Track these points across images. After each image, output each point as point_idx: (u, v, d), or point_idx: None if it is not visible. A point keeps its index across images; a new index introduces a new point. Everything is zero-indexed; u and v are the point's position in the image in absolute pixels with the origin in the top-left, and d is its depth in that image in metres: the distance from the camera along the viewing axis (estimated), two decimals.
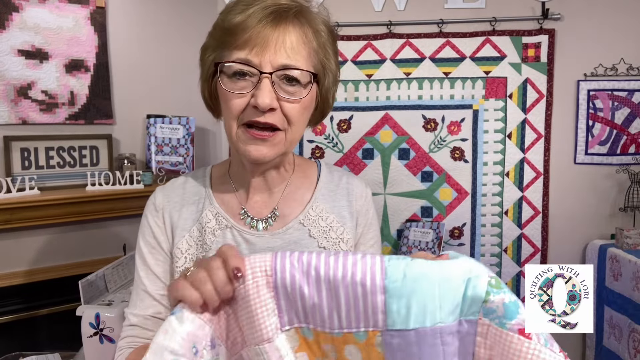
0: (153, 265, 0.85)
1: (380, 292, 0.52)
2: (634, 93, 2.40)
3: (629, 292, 2.12)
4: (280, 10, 0.73)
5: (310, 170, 0.93)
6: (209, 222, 0.84)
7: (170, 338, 0.52)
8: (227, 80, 0.75)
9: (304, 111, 0.79)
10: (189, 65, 2.44)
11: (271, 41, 0.72)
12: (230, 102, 0.75)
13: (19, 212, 1.82)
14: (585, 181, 2.47)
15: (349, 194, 0.90)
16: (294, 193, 0.88)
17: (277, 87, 0.73)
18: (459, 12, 2.47)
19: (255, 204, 0.86)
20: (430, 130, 2.52)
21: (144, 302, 0.84)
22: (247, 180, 0.86)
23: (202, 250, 0.83)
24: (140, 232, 0.89)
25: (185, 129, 2.22)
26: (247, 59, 0.72)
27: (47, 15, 1.99)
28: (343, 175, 0.94)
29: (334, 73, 0.82)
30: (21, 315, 1.94)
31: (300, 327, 0.57)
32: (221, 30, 0.76)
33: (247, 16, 0.72)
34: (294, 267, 0.55)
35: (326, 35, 0.79)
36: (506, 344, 0.51)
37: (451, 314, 0.53)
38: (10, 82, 1.94)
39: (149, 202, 0.90)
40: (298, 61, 0.74)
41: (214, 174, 0.92)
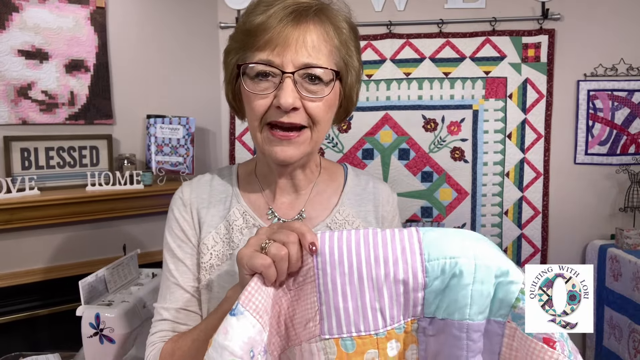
0: (183, 257, 0.85)
1: (421, 289, 0.56)
2: (634, 93, 2.40)
3: (629, 292, 2.12)
4: (300, 9, 0.73)
5: (337, 173, 0.93)
6: (237, 220, 0.85)
7: (231, 339, 0.52)
8: (250, 81, 0.75)
9: (328, 109, 0.78)
10: (189, 65, 2.45)
11: (292, 40, 0.72)
12: (253, 103, 0.75)
13: (19, 212, 1.82)
14: (585, 181, 2.47)
15: (376, 199, 0.91)
16: (320, 196, 0.88)
17: (299, 87, 0.73)
18: (459, 12, 2.47)
19: (282, 205, 0.87)
20: (430, 131, 2.52)
21: (175, 294, 0.84)
22: (274, 181, 0.86)
23: (229, 247, 0.84)
24: (167, 227, 0.89)
25: (185, 129, 2.22)
26: (269, 59, 0.72)
27: (47, 15, 1.99)
28: (370, 179, 0.94)
29: (356, 70, 0.82)
30: (21, 315, 1.93)
31: (341, 337, 0.57)
32: (242, 32, 0.76)
33: (267, 17, 0.72)
34: (335, 269, 0.56)
35: (348, 32, 0.79)
36: (530, 350, 0.53)
37: (480, 313, 0.55)
38: (10, 82, 1.94)
39: (176, 197, 0.90)
40: (320, 59, 0.74)
41: (240, 173, 0.92)
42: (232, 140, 2.63)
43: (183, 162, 2.22)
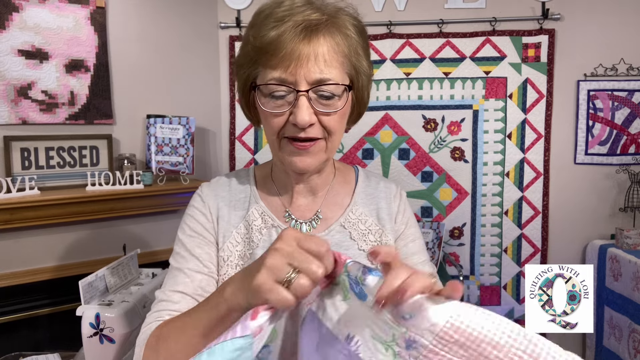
0: (193, 247, 0.85)
1: None
2: (634, 93, 2.40)
3: (629, 292, 2.12)
4: (311, 26, 0.73)
5: (349, 175, 0.96)
6: (256, 220, 0.87)
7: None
8: (265, 99, 0.77)
9: (342, 119, 0.81)
10: (189, 65, 2.45)
11: (304, 58, 0.73)
12: (270, 120, 0.77)
13: (19, 212, 1.82)
14: (585, 181, 2.47)
15: (387, 197, 0.94)
16: (335, 197, 0.91)
17: (314, 102, 0.75)
18: (459, 12, 2.47)
19: (299, 207, 0.89)
20: (430, 130, 2.52)
21: (176, 278, 0.83)
22: (291, 186, 0.89)
23: (249, 247, 0.85)
24: (181, 222, 0.89)
25: (185, 129, 2.22)
26: (282, 78, 0.74)
27: (47, 15, 1.99)
28: (380, 180, 0.97)
29: (367, 73, 0.83)
30: (21, 315, 1.93)
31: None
32: (254, 48, 0.76)
33: (278, 35, 0.72)
34: None
35: (356, 35, 0.79)
36: None
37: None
38: (10, 82, 1.94)
39: (195, 195, 0.92)
40: (332, 73, 0.75)
41: (257, 175, 0.95)
42: (232, 140, 2.63)
43: (183, 162, 2.22)
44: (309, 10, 0.74)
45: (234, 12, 2.53)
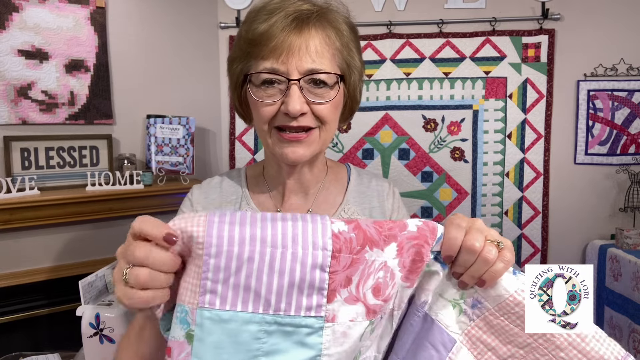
0: None
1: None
2: (634, 93, 2.40)
3: (629, 292, 2.12)
4: (302, 16, 0.74)
5: (341, 173, 0.96)
6: None
7: None
8: (256, 89, 0.77)
9: (335, 110, 0.81)
10: (189, 65, 2.45)
11: (295, 48, 0.74)
12: (261, 109, 0.77)
13: (19, 212, 1.82)
14: (585, 181, 2.47)
15: (380, 195, 0.93)
16: (327, 195, 0.91)
17: (305, 92, 0.75)
18: (459, 12, 2.47)
19: (291, 206, 0.89)
20: (430, 131, 2.52)
21: None
22: (283, 182, 0.88)
23: None
24: None
25: (185, 129, 2.22)
26: (274, 67, 0.74)
27: (47, 15, 1.99)
28: (372, 177, 0.97)
29: (359, 70, 0.84)
30: (21, 315, 1.93)
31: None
32: (246, 41, 0.77)
33: (270, 25, 0.73)
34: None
35: (348, 33, 0.80)
36: None
37: None
38: (10, 82, 1.94)
39: (186, 199, 0.91)
40: (323, 64, 0.75)
41: (249, 175, 0.94)
42: (232, 140, 2.63)
43: (183, 162, 2.22)
44: (300, 1, 0.76)
45: (234, 12, 2.53)
